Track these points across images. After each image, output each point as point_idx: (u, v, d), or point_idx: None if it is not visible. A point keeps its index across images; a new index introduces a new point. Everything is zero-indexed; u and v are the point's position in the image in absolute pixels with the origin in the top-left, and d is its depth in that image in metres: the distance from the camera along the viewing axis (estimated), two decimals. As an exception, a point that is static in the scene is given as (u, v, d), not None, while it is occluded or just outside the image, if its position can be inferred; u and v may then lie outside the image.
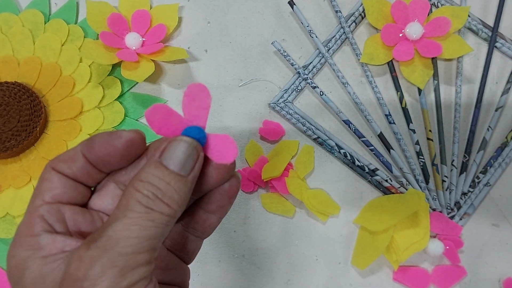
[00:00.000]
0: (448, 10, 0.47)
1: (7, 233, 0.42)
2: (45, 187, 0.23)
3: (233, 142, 0.23)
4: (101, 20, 0.46)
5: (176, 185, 0.21)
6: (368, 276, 0.42)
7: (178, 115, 0.23)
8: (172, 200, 0.21)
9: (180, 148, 0.22)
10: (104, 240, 0.20)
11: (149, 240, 0.20)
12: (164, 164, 0.22)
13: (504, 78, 0.47)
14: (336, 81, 0.47)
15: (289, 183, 0.42)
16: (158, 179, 0.21)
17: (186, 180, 0.22)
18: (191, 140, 0.22)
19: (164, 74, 0.47)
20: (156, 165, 0.22)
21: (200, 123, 0.23)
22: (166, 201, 0.21)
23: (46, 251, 0.21)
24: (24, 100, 0.43)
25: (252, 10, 0.49)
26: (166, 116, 0.22)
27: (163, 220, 0.21)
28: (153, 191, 0.21)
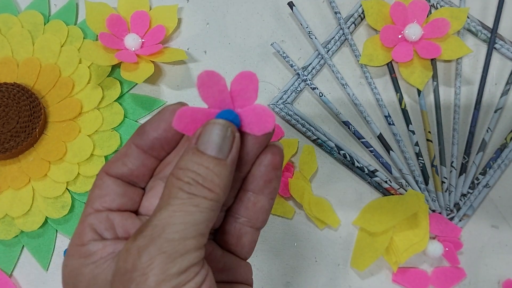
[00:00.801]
0: (447, 11, 0.47)
1: (6, 235, 0.42)
2: (96, 195, 0.23)
3: (267, 109, 0.22)
4: (100, 21, 0.46)
5: (215, 169, 0.21)
6: (367, 277, 0.42)
7: (204, 109, 0.22)
8: (214, 184, 0.21)
9: (214, 131, 0.21)
10: (150, 229, 0.20)
11: (196, 225, 0.20)
12: (201, 149, 0.21)
13: (503, 80, 0.47)
14: (335, 82, 0.47)
15: (292, 184, 0.42)
16: (197, 165, 0.21)
17: (225, 163, 0.21)
18: (224, 122, 0.21)
19: (163, 75, 0.47)
20: (193, 152, 0.21)
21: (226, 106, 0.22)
22: (208, 186, 0.21)
23: (97, 257, 0.22)
24: (23, 101, 0.43)
25: (251, 12, 0.49)
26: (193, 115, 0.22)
27: (207, 204, 0.20)
28: (193, 177, 0.21)
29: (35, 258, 0.42)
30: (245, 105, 0.22)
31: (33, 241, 0.42)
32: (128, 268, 0.19)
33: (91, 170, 0.43)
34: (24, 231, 0.42)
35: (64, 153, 0.43)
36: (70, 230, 0.43)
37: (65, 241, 0.43)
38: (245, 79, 0.22)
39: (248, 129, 0.22)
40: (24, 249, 0.43)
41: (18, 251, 0.42)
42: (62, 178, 0.42)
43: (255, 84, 0.22)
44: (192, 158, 0.21)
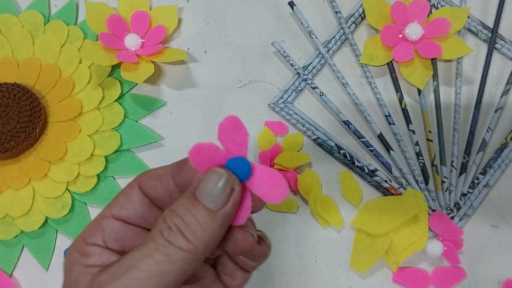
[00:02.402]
0: (448, 11, 0.47)
1: (6, 235, 0.42)
2: (119, 200, 0.23)
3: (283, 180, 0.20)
4: (100, 21, 0.46)
5: (202, 219, 0.20)
6: (367, 277, 0.42)
7: (221, 150, 0.21)
8: (194, 235, 0.19)
9: (211, 179, 0.20)
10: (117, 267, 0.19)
11: (160, 276, 0.19)
12: (196, 195, 0.20)
13: (503, 79, 0.47)
14: (336, 82, 0.47)
15: (301, 180, 0.42)
16: (185, 210, 0.20)
17: (215, 215, 0.20)
18: (224, 172, 0.20)
19: (163, 75, 0.47)
20: (188, 195, 0.20)
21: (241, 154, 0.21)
22: (188, 236, 0.19)
23: (91, 261, 0.21)
24: (23, 101, 0.43)
25: (251, 11, 0.49)
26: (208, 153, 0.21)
27: (180, 256, 0.19)
28: (176, 222, 0.19)
29: (35, 258, 0.42)
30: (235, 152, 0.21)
31: (33, 241, 0.42)
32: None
33: (91, 170, 0.43)
34: (24, 231, 0.42)
35: (64, 153, 0.43)
36: (70, 230, 0.43)
37: (65, 241, 0.43)
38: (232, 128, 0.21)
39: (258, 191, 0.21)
40: (24, 249, 0.43)
41: (18, 251, 0.42)
42: (62, 178, 0.42)
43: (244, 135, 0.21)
44: (184, 201, 0.20)
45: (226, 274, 0.25)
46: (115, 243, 0.22)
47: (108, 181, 0.44)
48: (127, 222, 0.23)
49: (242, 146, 0.21)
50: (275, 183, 0.20)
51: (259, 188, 0.21)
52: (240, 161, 0.21)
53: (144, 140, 0.45)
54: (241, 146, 0.21)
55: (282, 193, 0.20)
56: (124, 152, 0.44)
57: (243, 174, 0.21)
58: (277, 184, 0.20)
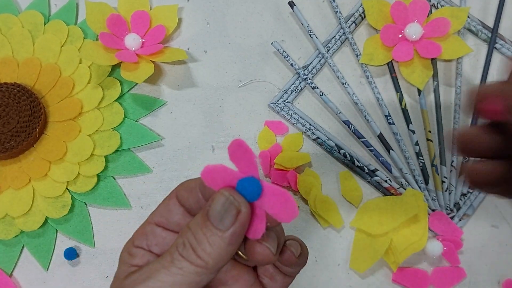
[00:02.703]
0: (448, 11, 0.47)
1: (6, 234, 0.42)
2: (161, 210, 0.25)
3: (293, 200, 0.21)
4: (100, 21, 0.46)
5: (211, 238, 0.21)
6: (367, 277, 0.42)
7: (231, 170, 0.22)
8: (205, 252, 0.21)
9: (218, 201, 0.21)
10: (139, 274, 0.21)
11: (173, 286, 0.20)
12: (208, 215, 0.21)
13: (503, 79, 0.47)
14: (335, 82, 0.47)
15: (301, 180, 0.42)
16: (198, 228, 0.21)
17: (222, 235, 0.21)
18: (229, 195, 0.21)
19: (163, 75, 0.47)
20: (202, 214, 0.22)
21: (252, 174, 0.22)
22: (198, 252, 0.21)
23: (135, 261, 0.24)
24: (23, 101, 0.43)
25: (251, 11, 0.49)
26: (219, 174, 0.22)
27: (191, 270, 0.21)
28: (189, 239, 0.21)
29: (35, 258, 0.42)
30: None
31: (33, 241, 0.42)
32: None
33: (92, 170, 0.43)
34: (24, 231, 0.42)
35: (64, 153, 0.43)
36: (70, 230, 0.43)
37: (65, 241, 0.43)
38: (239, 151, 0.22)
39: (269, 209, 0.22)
40: (24, 249, 0.43)
41: (18, 251, 0.42)
42: (62, 178, 0.42)
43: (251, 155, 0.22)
44: (198, 220, 0.22)
45: (267, 277, 0.26)
46: (156, 247, 0.24)
47: (108, 181, 0.44)
48: (166, 228, 0.25)
49: (251, 166, 0.22)
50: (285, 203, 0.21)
51: (269, 207, 0.22)
52: (249, 181, 0.22)
53: (144, 140, 0.45)
54: (251, 167, 0.22)
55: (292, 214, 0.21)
56: (124, 152, 0.44)
57: (252, 194, 0.22)
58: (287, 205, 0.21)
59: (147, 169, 0.44)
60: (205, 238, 0.21)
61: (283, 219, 0.22)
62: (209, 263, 0.21)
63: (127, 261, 0.24)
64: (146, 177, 0.44)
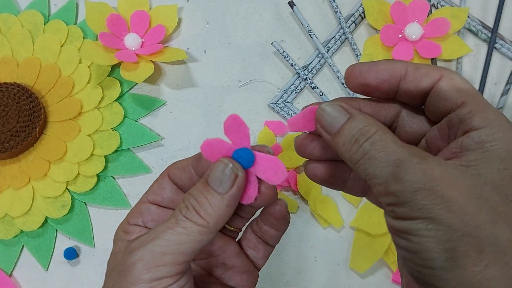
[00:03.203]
0: (448, 11, 0.47)
1: (6, 234, 0.42)
2: (154, 189, 0.27)
3: (282, 164, 0.25)
4: (100, 21, 0.46)
5: (212, 200, 0.24)
6: (367, 277, 0.42)
7: (227, 143, 0.25)
8: (206, 213, 0.24)
9: (218, 168, 0.24)
10: (145, 236, 0.24)
11: (178, 244, 0.23)
12: (208, 181, 0.24)
13: (503, 79, 0.47)
14: (335, 82, 0.47)
15: (300, 180, 0.42)
16: (199, 193, 0.24)
17: (222, 197, 0.24)
18: (228, 161, 0.24)
19: (163, 75, 0.47)
20: (202, 181, 0.25)
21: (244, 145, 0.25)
22: (201, 213, 0.24)
23: (132, 237, 0.26)
24: (23, 101, 0.43)
25: (251, 11, 0.49)
26: (216, 147, 0.25)
27: (194, 229, 0.23)
28: (192, 202, 0.24)
29: (35, 257, 0.42)
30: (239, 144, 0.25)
31: (33, 241, 0.42)
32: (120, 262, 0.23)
33: (91, 169, 0.43)
34: (24, 231, 0.42)
35: (64, 152, 0.43)
36: (70, 229, 0.43)
37: (65, 241, 0.43)
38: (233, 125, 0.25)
39: (261, 175, 0.25)
40: (24, 249, 0.43)
41: (18, 251, 0.42)
42: (62, 178, 0.42)
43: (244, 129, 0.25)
44: (199, 186, 0.24)
45: (250, 248, 0.29)
46: (151, 223, 0.27)
47: (108, 180, 0.44)
48: (160, 205, 0.27)
49: (244, 139, 0.25)
50: (276, 167, 0.25)
51: (262, 172, 0.25)
52: (243, 151, 0.25)
53: (144, 139, 0.45)
54: (244, 139, 0.25)
55: (282, 175, 0.25)
56: (124, 151, 0.44)
57: (246, 162, 0.25)
58: (277, 168, 0.25)
59: (147, 169, 0.44)
60: (207, 201, 0.24)
61: (274, 181, 0.25)
62: (210, 223, 0.24)
63: (124, 238, 0.26)
64: (146, 177, 0.44)
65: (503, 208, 0.20)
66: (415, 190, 0.20)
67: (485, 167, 0.21)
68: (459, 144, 0.22)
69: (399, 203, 0.21)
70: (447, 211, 0.20)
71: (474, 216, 0.20)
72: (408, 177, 0.20)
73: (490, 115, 0.21)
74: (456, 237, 0.19)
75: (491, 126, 0.21)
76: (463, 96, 0.22)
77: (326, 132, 0.24)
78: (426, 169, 0.20)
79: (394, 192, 0.21)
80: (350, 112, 0.24)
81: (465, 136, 0.22)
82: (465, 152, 0.21)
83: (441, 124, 0.24)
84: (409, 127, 0.26)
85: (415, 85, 0.24)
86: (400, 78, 0.24)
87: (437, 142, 0.24)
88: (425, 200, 0.20)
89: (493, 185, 0.20)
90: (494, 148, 0.21)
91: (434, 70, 0.23)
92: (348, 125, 0.23)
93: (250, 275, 0.29)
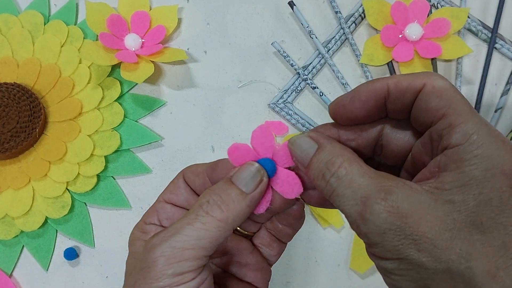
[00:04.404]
0: (448, 11, 0.47)
1: (6, 235, 0.42)
2: (170, 188, 0.28)
3: (299, 181, 0.26)
4: (100, 21, 0.46)
5: (235, 197, 0.24)
6: (367, 277, 0.42)
7: (252, 151, 0.26)
8: (228, 208, 0.24)
9: (247, 169, 0.25)
10: (165, 232, 0.24)
11: (198, 239, 0.23)
12: (233, 180, 0.25)
13: (503, 79, 0.47)
14: (336, 82, 0.47)
15: None
16: (222, 189, 0.25)
17: (245, 195, 0.25)
18: (258, 165, 0.25)
19: (163, 75, 0.47)
20: (226, 180, 0.25)
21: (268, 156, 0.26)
22: (223, 207, 0.24)
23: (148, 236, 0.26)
24: (23, 101, 0.43)
25: (251, 12, 0.49)
26: (243, 151, 0.26)
27: (214, 224, 0.24)
28: (214, 198, 0.24)
29: (35, 258, 0.42)
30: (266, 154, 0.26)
31: (33, 241, 0.42)
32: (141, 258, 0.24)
33: (91, 170, 0.43)
34: (24, 231, 0.42)
35: (64, 153, 0.43)
36: (70, 230, 0.43)
37: (65, 241, 0.43)
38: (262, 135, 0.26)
39: (275, 186, 0.26)
40: (24, 249, 0.43)
41: (18, 251, 0.42)
42: (62, 178, 0.42)
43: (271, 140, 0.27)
44: (222, 185, 0.25)
45: (264, 246, 0.29)
46: (166, 221, 0.27)
47: (108, 181, 0.44)
48: (175, 205, 0.28)
49: (269, 150, 0.26)
50: (293, 182, 0.26)
51: (279, 185, 0.26)
52: (268, 161, 0.26)
53: (144, 140, 0.45)
54: (268, 150, 0.26)
55: (298, 191, 0.26)
56: (124, 152, 0.44)
57: (269, 171, 0.26)
58: (294, 184, 0.26)
59: (147, 169, 0.44)
60: (230, 197, 0.24)
61: (289, 196, 0.26)
62: (230, 218, 0.24)
63: (141, 238, 0.27)
64: (146, 177, 0.44)
65: (478, 237, 0.19)
66: (383, 232, 0.20)
67: (460, 192, 0.20)
68: (437, 163, 0.21)
69: (372, 244, 0.20)
70: (417, 250, 0.19)
71: (446, 251, 0.19)
72: (373, 218, 0.20)
73: (470, 128, 0.20)
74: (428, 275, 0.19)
75: (470, 141, 0.20)
76: (445, 106, 0.21)
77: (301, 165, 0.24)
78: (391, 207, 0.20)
79: (365, 233, 0.20)
80: (319, 142, 0.24)
81: (442, 155, 0.21)
82: (442, 173, 0.20)
83: (424, 138, 0.23)
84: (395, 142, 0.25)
85: (400, 101, 0.23)
86: (384, 98, 0.23)
87: (422, 156, 0.23)
88: (393, 241, 0.19)
89: (467, 213, 0.19)
90: (471, 169, 0.20)
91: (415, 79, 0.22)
92: (315, 158, 0.23)
93: (264, 272, 0.29)
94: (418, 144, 0.24)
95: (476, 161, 0.20)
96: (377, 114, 0.24)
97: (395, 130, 0.25)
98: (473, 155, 0.20)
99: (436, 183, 0.20)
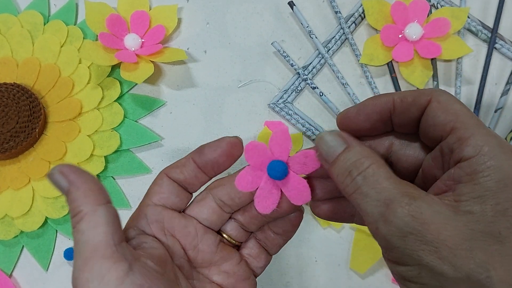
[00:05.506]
0: (448, 11, 0.47)
1: (6, 235, 0.42)
2: (155, 190, 0.28)
3: (309, 190, 0.26)
4: (100, 21, 0.46)
5: None
6: (367, 277, 0.42)
7: (269, 151, 0.26)
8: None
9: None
10: None
11: None
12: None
13: (503, 79, 0.47)
14: (335, 82, 0.47)
15: None
16: None
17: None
18: None
19: (163, 75, 0.47)
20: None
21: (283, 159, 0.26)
22: None
23: None
24: (23, 101, 0.43)
25: (251, 11, 0.49)
26: (260, 150, 0.26)
27: None
28: None
29: (35, 258, 0.42)
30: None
31: (33, 241, 0.42)
32: None
33: (91, 170, 0.43)
34: (24, 231, 0.42)
35: (64, 153, 0.43)
36: (69, 230, 0.42)
37: (65, 241, 0.43)
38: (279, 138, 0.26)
39: (287, 192, 0.26)
40: (24, 249, 0.43)
41: (18, 251, 0.42)
42: (62, 178, 0.42)
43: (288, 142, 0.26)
44: None
45: (251, 256, 0.30)
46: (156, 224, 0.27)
47: (107, 181, 0.44)
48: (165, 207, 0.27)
49: (284, 153, 0.26)
50: (303, 189, 0.26)
51: (288, 190, 0.26)
52: (281, 163, 0.26)
53: (144, 140, 0.45)
54: (284, 153, 0.26)
55: (306, 198, 0.26)
56: (123, 152, 0.44)
57: (281, 174, 0.26)
58: (303, 191, 0.26)
59: (147, 169, 0.44)
60: None
61: (297, 202, 0.26)
62: None
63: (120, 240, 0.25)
64: (145, 178, 0.44)
65: (496, 247, 0.19)
66: (404, 235, 0.20)
67: (478, 203, 0.20)
68: (451, 176, 0.21)
69: (390, 248, 0.20)
70: (438, 258, 0.19)
71: (466, 261, 0.19)
72: (396, 220, 0.20)
73: (480, 140, 0.21)
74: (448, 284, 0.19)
75: (481, 153, 0.20)
76: (452, 120, 0.22)
77: (325, 161, 0.24)
78: (415, 212, 0.20)
79: (384, 235, 0.20)
80: (348, 142, 0.24)
81: (456, 167, 0.21)
82: (458, 185, 0.21)
83: (434, 152, 0.23)
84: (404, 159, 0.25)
85: (405, 116, 0.23)
86: (390, 112, 0.24)
87: (433, 170, 0.24)
88: (414, 245, 0.20)
89: (486, 223, 0.20)
90: (485, 180, 0.20)
91: (421, 95, 0.23)
92: (343, 156, 0.23)
93: (250, 282, 0.29)
94: (428, 158, 0.24)
95: (490, 172, 0.20)
96: (382, 127, 0.25)
97: (403, 147, 0.25)
98: (486, 166, 0.20)
99: (454, 195, 0.21)
